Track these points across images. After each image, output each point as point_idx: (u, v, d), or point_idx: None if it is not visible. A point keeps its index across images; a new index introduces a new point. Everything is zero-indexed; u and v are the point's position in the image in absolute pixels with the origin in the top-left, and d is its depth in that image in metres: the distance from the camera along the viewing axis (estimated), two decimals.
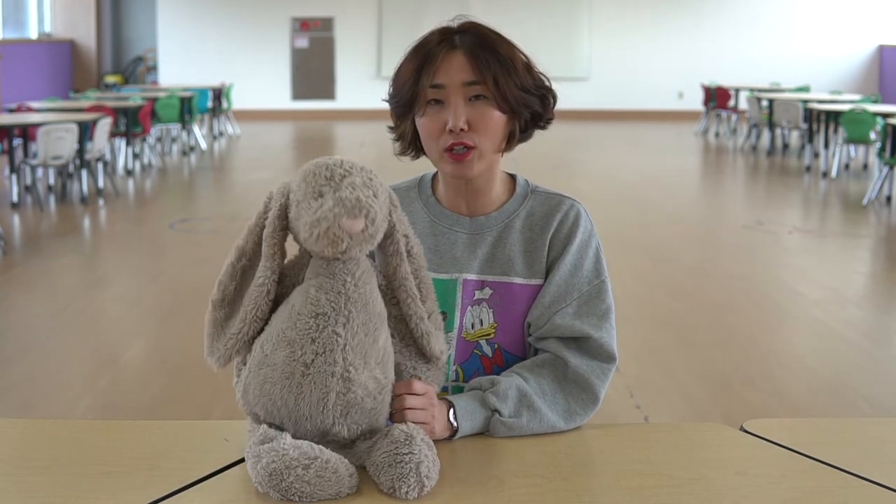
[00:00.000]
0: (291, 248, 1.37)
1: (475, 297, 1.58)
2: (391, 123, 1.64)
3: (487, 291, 1.58)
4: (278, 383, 1.29)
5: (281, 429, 1.31)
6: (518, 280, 1.58)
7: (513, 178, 1.66)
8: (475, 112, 1.51)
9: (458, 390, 1.59)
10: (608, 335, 1.55)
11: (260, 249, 1.33)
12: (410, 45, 1.55)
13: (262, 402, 1.31)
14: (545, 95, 1.57)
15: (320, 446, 1.26)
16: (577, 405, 1.52)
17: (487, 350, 1.59)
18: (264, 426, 1.30)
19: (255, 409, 1.33)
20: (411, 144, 1.61)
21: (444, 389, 1.58)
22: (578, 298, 1.56)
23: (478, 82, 1.50)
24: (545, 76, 1.58)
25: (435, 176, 1.67)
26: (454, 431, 1.45)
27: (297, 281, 1.34)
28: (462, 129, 1.50)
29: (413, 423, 1.36)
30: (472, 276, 1.59)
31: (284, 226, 1.31)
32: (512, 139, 1.57)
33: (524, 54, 1.56)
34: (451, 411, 1.46)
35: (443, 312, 1.57)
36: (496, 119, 1.52)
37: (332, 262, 1.29)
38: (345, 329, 1.28)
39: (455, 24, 1.55)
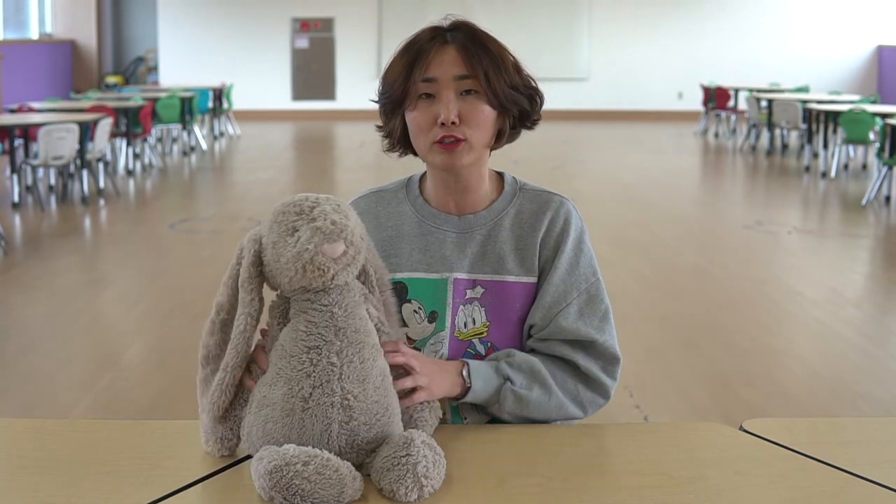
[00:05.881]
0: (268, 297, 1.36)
1: (467, 297, 1.59)
2: (380, 123, 1.67)
3: (479, 290, 1.59)
4: (279, 422, 1.29)
5: None
6: (510, 278, 1.59)
7: (501, 176, 1.68)
8: (466, 106, 1.53)
9: None
10: (610, 337, 1.59)
11: (237, 301, 1.33)
12: (401, 44, 1.59)
13: (265, 443, 1.30)
14: (533, 96, 1.60)
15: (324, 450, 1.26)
16: (587, 394, 1.57)
17: (481, 348, 1.60)
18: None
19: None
20: (399, 142, 1.63)
21: None
22: (578, 297, 1.58)
23: (469, 76, 1.53)
24: (532, 78, 1.61)
25: (423, 177, 1.69)
26: (466, 390, 1.49)
27: (279, 323, 1.35)
28: (454, 122, 1.52)
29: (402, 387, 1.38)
30: (462, 276, 1.60)
31: (260, 272, 1.32)
32: (501, 136, 1.60)
33: (512, 55, 1.59)
34: (466, 370, 1.49)
35: (433, 312, 1.60)
36: (487, 113, 1.54)
37: (317, 294, 1.30)
38: (339, 358, 1.29)
39: (445, 23, 1.58)
